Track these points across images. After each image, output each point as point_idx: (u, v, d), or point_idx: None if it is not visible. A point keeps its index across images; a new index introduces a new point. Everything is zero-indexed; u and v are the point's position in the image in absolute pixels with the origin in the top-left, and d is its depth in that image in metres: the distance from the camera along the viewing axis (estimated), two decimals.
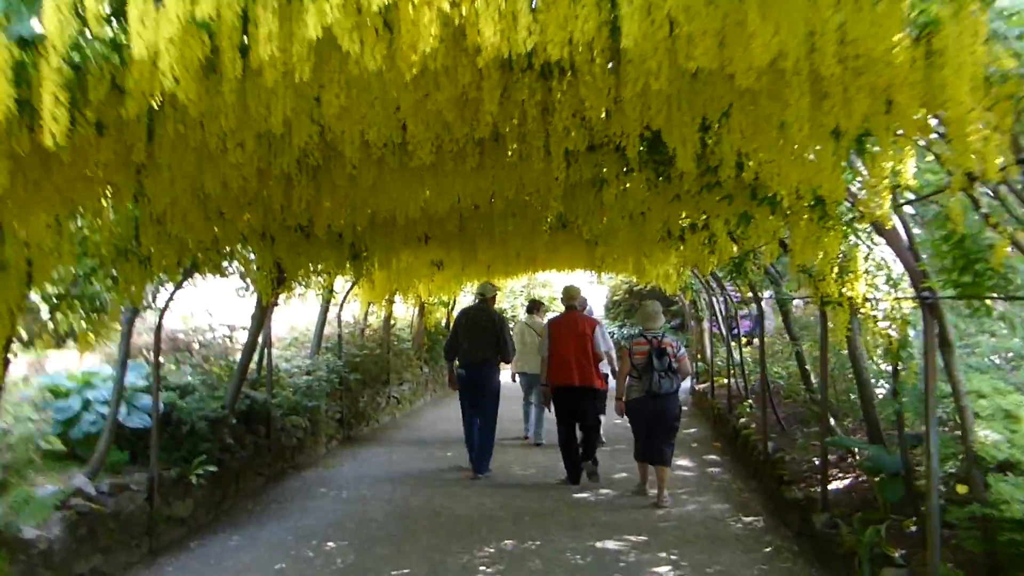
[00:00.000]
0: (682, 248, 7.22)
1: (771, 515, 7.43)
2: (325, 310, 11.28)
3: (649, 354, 7.58)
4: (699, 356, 16.04)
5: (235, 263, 7.29)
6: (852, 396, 7.75)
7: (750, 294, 11.11)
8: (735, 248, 7.32)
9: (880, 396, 6.88)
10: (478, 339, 9.20)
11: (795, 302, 12.06)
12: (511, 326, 10.40)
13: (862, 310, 4.77)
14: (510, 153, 4.16)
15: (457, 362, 9.47)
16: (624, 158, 4.41)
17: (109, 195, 4.11)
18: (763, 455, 8.63)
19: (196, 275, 6.96)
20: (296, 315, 12.43)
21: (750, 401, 10.89)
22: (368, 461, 10.37)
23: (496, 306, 10.34)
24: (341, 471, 9.78)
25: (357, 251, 7.13)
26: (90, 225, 4.84)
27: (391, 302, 13.88)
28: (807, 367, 8.11)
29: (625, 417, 8.12)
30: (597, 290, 24.45)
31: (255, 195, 4.43)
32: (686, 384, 8.73)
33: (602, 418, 10.80)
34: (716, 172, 4.35)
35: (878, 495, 5.87)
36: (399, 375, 14.79)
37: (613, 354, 11.35)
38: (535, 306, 12.36)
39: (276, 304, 9.20)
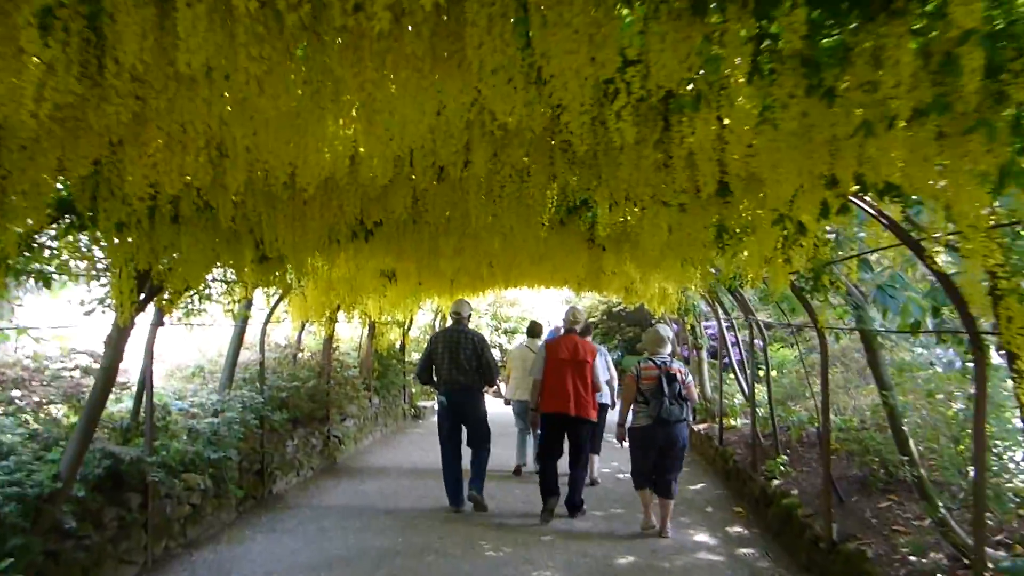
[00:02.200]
0: (743, 253, 4.86)
1: None
2: (241, 332, 8.75)
3: (659, 379, 7.22)
4: (698, 391, 13.71)
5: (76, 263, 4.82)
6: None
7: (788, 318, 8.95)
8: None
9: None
10: (459, 363, 8.42)
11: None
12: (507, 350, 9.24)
13: None
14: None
15: (437, 391, 8.73)
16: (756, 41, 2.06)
17: None
18: (826, 543, 6.29)
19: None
20: (210, 337, 9.83)
21: (784, 458, 8.55)
22: (290, 531, 7.81)
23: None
24: (249, 549, 7.21)
25: (265, 250, 4.63)
26: None
27: (332, 321, 11.35)
28: (903, 428, 5.74)
29: (624, 446, 7.73)
30: None
31: None
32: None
33: (596, 458, 9.81)
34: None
35: None
36: (341, 409, 12.22)
37: (616, 383, 10.13)
38: (535, 328, 11.35)
39: (161, 323, 6.71)
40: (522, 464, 10.53)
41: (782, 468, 8.37)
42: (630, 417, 7.54)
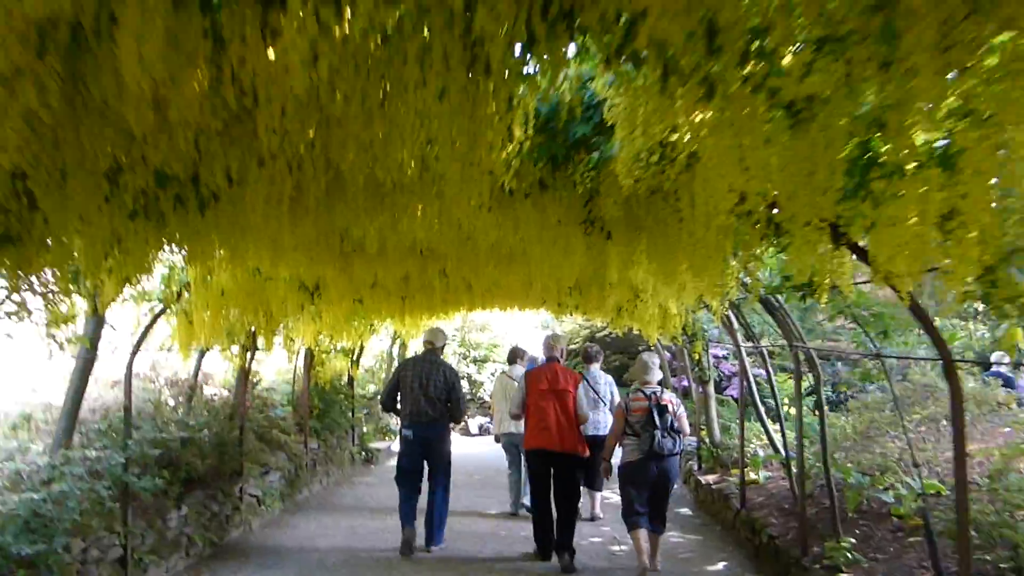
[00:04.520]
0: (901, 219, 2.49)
1: None
2: (87, 364, 6.23)
3: (649, 411, 6.82)
4: (705, 434, 11.27)
5: None
6: None
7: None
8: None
9: None
10: (428, 395, 7.91)
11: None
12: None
13: None
14: None
15: (401, 423, 8.30)
16: None
17: None
18: None
19: None
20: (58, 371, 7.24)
21: (850, 540, 6.13)
22: None
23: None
24: None
25: None
26: None
27: (247, 349, 8.85)
28: None
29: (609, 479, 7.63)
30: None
31: None
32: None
33: (598, 495, 9.20)
34: None
35: None
36: (260, 460, 9.66)
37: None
38: (516, 355, 10.19)
39: None
40: (519, 506, 9.64)
41: (849, 557, 5.96)
42: (620, 452, 7.12)
